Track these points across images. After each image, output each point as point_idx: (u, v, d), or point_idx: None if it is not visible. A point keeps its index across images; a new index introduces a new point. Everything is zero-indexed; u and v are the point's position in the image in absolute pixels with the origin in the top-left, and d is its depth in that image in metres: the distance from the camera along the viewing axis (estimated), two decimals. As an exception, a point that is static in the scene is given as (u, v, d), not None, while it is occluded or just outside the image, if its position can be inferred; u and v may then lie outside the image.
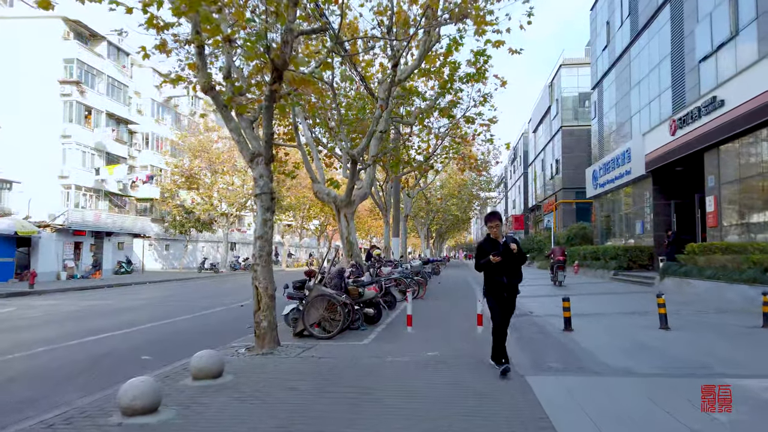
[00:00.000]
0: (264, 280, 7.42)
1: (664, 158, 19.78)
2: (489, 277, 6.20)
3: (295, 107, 13.30)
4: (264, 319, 7.39)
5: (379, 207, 21.53)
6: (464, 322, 10.33)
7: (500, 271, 6.05)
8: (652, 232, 21.86)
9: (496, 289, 6.16)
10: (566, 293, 16.93)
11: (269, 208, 7.46)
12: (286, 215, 49.15)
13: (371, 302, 10.08)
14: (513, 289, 6.22)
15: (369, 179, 14.22)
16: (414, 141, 19.35)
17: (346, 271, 13.03)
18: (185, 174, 37.82)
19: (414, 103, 16.58)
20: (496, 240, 6.19)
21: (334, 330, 8.51)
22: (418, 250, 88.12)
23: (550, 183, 45.97)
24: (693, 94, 18.06)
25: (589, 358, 6.86)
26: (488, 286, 6.25)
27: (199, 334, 10.21)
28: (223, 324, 11.65)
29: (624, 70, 25.50)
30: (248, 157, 7.48)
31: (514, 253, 6.02)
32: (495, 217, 6.27)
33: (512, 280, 6.14)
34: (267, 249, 7.49)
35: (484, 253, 6.10)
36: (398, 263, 18.79)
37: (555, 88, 43.79)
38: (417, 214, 46.35)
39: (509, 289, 6.16)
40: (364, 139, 12.85)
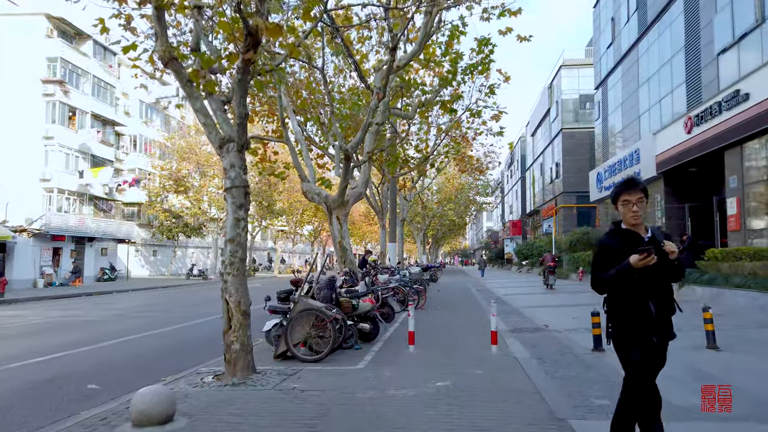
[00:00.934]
0: (236, 292, 6.07)
1: (678, 158, 18.57)
2: (621, 305, 3.34)
3: (282, 98, 12.02)
4: (236, 340, 6.05)
5: (374, 210, 20.23)
6: (473, 338, 9.00)
7: (644, 292, 3.23)
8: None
9: (636, 327, 3.26)
10: (580, 302, 15.66)
11: (242, 205, 6.13)
12: (279, 220, 47.72)
13: (367, 316, 8.75)
14: (666, 327, 3.29)
15: (364, 178, 12.91)
16: (412, 139, 18.07)
17: (339, 280, 11.71)
18: (173, 177, 36.35)
19: (413, 96, 15.32)
20: (636, 233, 3.40)
21: (323, 350, 7.16)
22: (413, 256, 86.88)
23: (550, 187, 44.79)
24: (711, 89, 16.87)
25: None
26: (621, 321, 3.35)
27: (168, 354, 8.84)
28: (198, 340, 10.28)
29: (631, 68, 24.35)
30: (217, 143, 6.15)
31: (669, 259, 3.22)
32: (637, 188, 3.40)
33: (663, 308, 3.26)
34: (240, 254, 6.15)
35: (614, 256, 3.27)
36: (395, 270, 17.49)
37: (555, 90, 42.70)
38: (413, 219, 45.09)
39: (660, 326, 3.26)
40: (358, 133, 11.55)
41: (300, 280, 8.88)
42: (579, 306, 14.79)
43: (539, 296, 19.11)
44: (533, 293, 20.57)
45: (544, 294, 20.02)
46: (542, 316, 12.26)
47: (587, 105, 40.30)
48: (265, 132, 16.68)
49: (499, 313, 13.74)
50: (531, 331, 9.79)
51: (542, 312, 13.29)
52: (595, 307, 7.72)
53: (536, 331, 9.80)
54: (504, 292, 20.85)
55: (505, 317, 12.03)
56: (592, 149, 37.93)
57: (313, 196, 12.70)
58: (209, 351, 8.19)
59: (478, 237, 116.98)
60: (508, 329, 10.09)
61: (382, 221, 20.39)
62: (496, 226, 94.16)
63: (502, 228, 79.87)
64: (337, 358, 7.42)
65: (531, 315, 12.59)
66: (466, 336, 9.26)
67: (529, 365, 6.64)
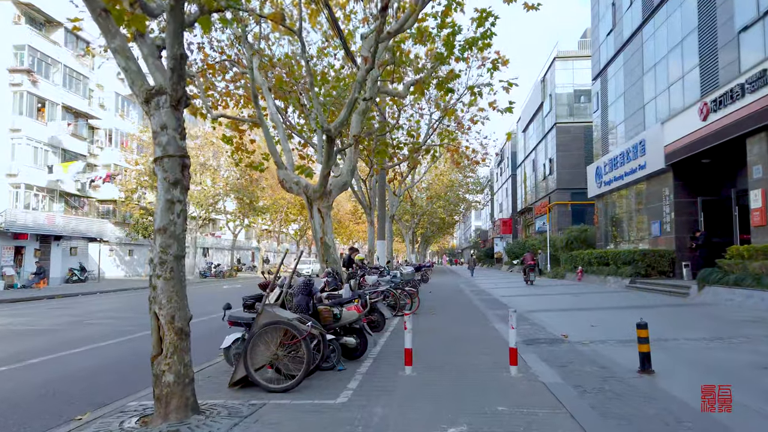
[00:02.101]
0: (168, 303, 4.37)
1: (691, 148, 17.13)
2: None
3: (253, 70, 10.30)
4: (168, 369, 4.34)
5: (362, 204, 18.53)
6: (481, 352, 7.36)
7: None
8: (673, 233, 19.19)
9: None
10: (587, 305, 14.14)
11: (178, 182, 4.43)
12: (262, 219, 45.81)
13: (352, 327, 7.07)
14: None
15: (349, 165, 11.21)
16: (404, 124, 16.43)
17: (320, 283, 10.02)
18: (148, 172, 34.26)
19: (405, 78, 13.66)
20: None
21: (294, 373, 5.47)
22: (402, 255, 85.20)
23: (543, 184, 43.42)
24: (730, 71, 15.42)
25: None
26: None
27: (105, 375, 7.08)
28: (146, 356, 8.50)
29: (635, 54, 22.92)
30: (143, 95, 4.44)
31: None
32: None
33: None
34: (175, 250, 4.44)
35: None
36: (385, 270, 15.84)
37: (548, 84, 41.32)
38: (402, 217, 43.44)
39: None
40: (343, 111, 9.86)
41: (269, 283, 7.22)
42: (590, 310, 13.26)
43: (539, 298, 17.58)
44: (532, 294, 19.04)
45: (544, 295, 18.52)
46: (553, 323, 10.67)
47: (582, 99, 38.99)
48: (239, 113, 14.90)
49: (503, 318, 12.16)
50: (548, 343, 8.18)
51: (551, 317, 11.70)
52: (640, 317, 6.13)
53: (555, 343, 8.18)
54: (501, 293, 19.29)
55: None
56: (588, 144, 36.60)
57: (291, 186, 10.99)
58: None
59: (467, 236, 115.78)
60: (521, 340, 8.46)
61: (370, 217, 18.69)
62: (485, 225, 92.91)
63: (491, 227, 78.57)
64: (314, 383, 5.74)
65: (540, 321, 11.00)
66: (472, 350, 7.61)
67: (568, 397, 5.00)
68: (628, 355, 7.12)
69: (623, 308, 13.62)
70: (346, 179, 11.14)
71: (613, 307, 14.05)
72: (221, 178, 36.20)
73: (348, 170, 11.21)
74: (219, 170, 36.06)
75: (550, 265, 32.93)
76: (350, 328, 7.03)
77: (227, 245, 61.07)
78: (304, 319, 6.00)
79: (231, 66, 12.98)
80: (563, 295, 18.22)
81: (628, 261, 20.46)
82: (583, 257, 25.96)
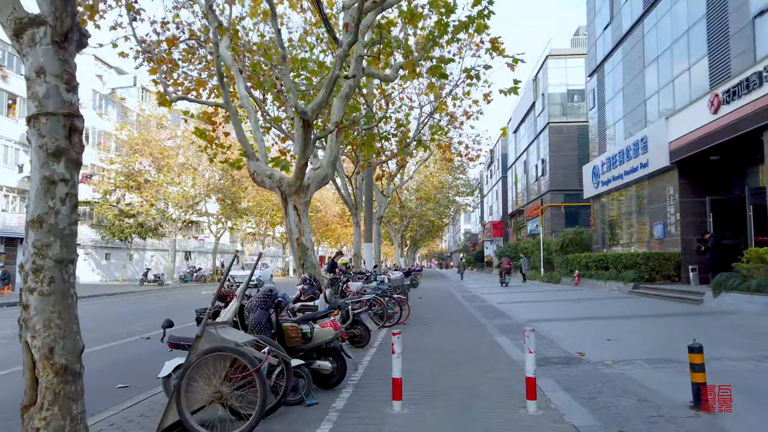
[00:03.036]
0: (46, 329, 2.98)
1: (700, 144, 15.99)
2: None
3: (218, 45, 8.93)
4: (45, 426, 2.95)
5: (347, 204, 17.14)
6: (486, 376, 6.03)
7: None
8: (678, 235, 18.03)
9: None
10: (588, 313, 12.89)
11: (61, 152, 3.04)
12: (246, 221, 44.20)
13: (327, 348, 5.70)
14: None
15: (330, 155, 9.84)
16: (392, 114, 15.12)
17: (295, 291, 8.67)
18: (124, 172, 32.55)
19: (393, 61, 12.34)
20: None
21: (251, 411, 4.10)
22: (390, 259, 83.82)
23: (535, 185, 42.33)
24: (744, 59, 14.30)
25: None
26: None
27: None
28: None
29: (635, 47, 21.82)
30: (11, 26, 3.05)
31: None
32: None
33: None
34: (55, 252, 3.04)
35: None
36: (372, 275, 14.50)
37: (540, 82, 40.27)
38: (390, 219, 42.11)
39: None
40: (322, 90, 8.52)
41: (229, 293, 5.88)
42: (597, 320, 12.00)
43: (538, 305, 16.35)
44: (530, 301, 17.79)
45: (543, 302, 17.31)
46: (561, 335, 9.39)
47: (575, 98, 38.00)
48: (214, 111, 13.41)
49: (503, 328, 10.85)
50: (564, 363, 6.87)
51: (557, 329, 10.42)
52: (692, 338, 4.84)
53: (571, 363, 6.88)
54: (496, 300, 18.00)
55: (514, 336, 9.12)
56: (582, 144, 35.57)
57: (263, 179, 9.60)
58: (90, 398, 5.01)
59: (456, 239, 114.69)
60: (530, 359, 7.16)
61: (356, 218, 17.31)
62: (475, 228, 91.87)
63: (481, 230, 77.50)
64: (275, 428, 4.37)
65: (546, 333, 9.71)
66: (475, 373, 6.27)
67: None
68: (664, 379, 5.85)
69: (634, 317, 12.37)
70: (326, 172, 9.77)
71: (623, 315, 12.81)
72: (202, 178, 34.55)
73: (329, 162, 9.84)
74: (200, 170, 34.40)
75: (544, 269, 31.76)
76: (325, 348, 5.67)
77: (211, 248, 59.39)
78: (263, 341, 4.63)
79: (199, 46, 11.59)
80: (563, 302, 16.98)
81: (630, 265, 19.28)
82: (579, 261, 24.79)
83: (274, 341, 4.78)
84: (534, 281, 31.23)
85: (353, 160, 16.95)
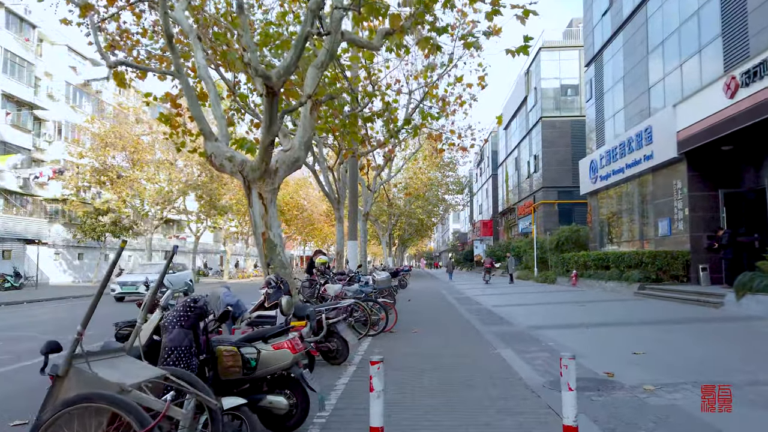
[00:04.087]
0: None
1: (713, 132, 14.66)
2: None
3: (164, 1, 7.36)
4: None
5: (328, 198, 15.53)
6: (495, 405, 4.53)
7: None
8: (687, 232, 16.72)
9: None
10: (596, 317, 11.47)
11: None
12: (229, 220, 42.40)
13: (284, 378, 4.17)
14: None
15: (303, 135, 8.27)
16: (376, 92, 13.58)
17: (258, 295, 7.19)
18: (95, 167, 30.55)
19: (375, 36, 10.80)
20: None
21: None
22: (379, 258, 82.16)
23: (527, 183, 41.08)
24: (766, 36, 12.98)
25: None
26: None
27: None
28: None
29: (637, 33, 20.51)
30: None
31: None
32: None
33: None
34: None
35: None
36: (356, 276, 12.99)
37: (533, 76, 39.02)
38: (379, 218, 40.57)
39: None
40: (290, 51, 6.99)
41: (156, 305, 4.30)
42: (610, 327, 10.56)
43: (539, 309, 14.94)
44: (529, 304, 16.38)
45: (543, 305, 15.92)
46: (577, 347, 7.95)
47: (569, 92, 36.83)
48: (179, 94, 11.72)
49: (504, 337, 9.35)
50: (594, 390, 5.38)
51: (568, 338, 8.99)
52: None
53: (604, 389, 5.39)
54: (491, 302, 16.58)
55: (521, 348, 7.66)
56: (576, 139, 34.36)
57: (223, 163, 8.02)
58: None
59: (445, 239, 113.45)
60: (546, 381, 5.69)
61: (338, 213, 15.72)
62: (464, 228, 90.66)
63: (471, 229, 76.27)
64: None
65: (556, 343, 8.27)
66: (484, 406, 4.76)
67: None
68: (737, 417, 4.38)
69: (651, 323, 10.97)
70: (298, 155, 8.21)
71: (639, 321, 11.41)
72: (180, 174, 32.70)
73: (301, 142, 8.28)
74: (178, 165, 32.60)
75: (538, 268, 30.44)
76: (280, 378, 4.14)
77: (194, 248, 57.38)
78: (175, 377, 3.08)
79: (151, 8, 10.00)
80: (565, 304, 15.60)
81: (634, 264, 17.94)
82: (577, 260, 23.46)
83: (194, 376, 3.23)
84: (527, 281, 29.90)
85: (336, 151, 15.39)
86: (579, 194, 29.96)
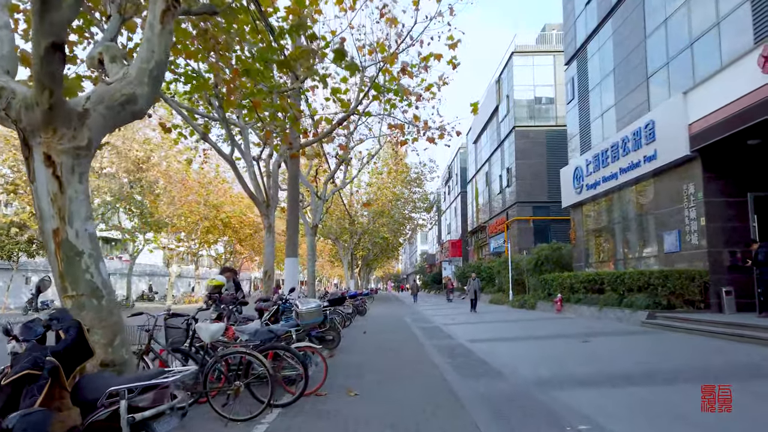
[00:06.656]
0: None
1: (743, 120, 11.64)
2: None
3: None
4: None
5: (253, 199, 11.64)
6: None
7: None
8: (703, 247, 13.60)
9: None
10: (610, 365, 7.91)
11: None
12: (177, 239, 37.96)
13: None
14: None
15: (150, 58, 4.59)
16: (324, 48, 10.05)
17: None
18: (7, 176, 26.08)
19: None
20: None
21: None
22: (342, 281, 77.79)
23: (499, 198, 38.12)
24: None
25: None
26: None
27: None
28: None
29: (629, 17, 17.71)
30: None
31: None
32: None
33: None
34: None
35: None
36: (283, 305, 9.29)
37: (504, 84, 36.37)
38: (340, 237, 36.84)
39: None
40: None
41: None
42: (648, 387, 6.96)
43: (529, 346, 11.40)
44: (512, 338, 12.85)
45: (536, 341, 12.36)
46: (609, 422, 4.39)
47: (543, 100, 34.23)
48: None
49: (498, 407, 5.47)
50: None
51: (599, 401, 5.42)
52: None
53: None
54: (465, 334, 13.03)
55: (524, 422, 4.07)
56: (553, 151, 31.69)
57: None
58: None
59: (412, 261, 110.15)
60: None
61: (267, 219, 11.91)
62: (432, 249, 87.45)
63: (439, 249, 73.07)
64: None
65: (579, 411, 4.70)
66: None
67: None
68: None
69: (698, 374, 7.54)
70: (132, 90, 4.48)
71: (685, 373, 7.97)
72: (107, 180, 28.33)
73: (143, 70, 4.59)
74: (104, 172, 28.27)
75: (513, 291, 27.13)
76: None
77: (143, 270, 52.39)
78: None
79: None
80: (560, 339, 12.12)
81: (638, 287, 14.71)
82: (561, 282, 20.21)
83: None
84: (501, 306, 26.50)
85: (263, 138, 11.70)
86: (556, 210, 27.00)
